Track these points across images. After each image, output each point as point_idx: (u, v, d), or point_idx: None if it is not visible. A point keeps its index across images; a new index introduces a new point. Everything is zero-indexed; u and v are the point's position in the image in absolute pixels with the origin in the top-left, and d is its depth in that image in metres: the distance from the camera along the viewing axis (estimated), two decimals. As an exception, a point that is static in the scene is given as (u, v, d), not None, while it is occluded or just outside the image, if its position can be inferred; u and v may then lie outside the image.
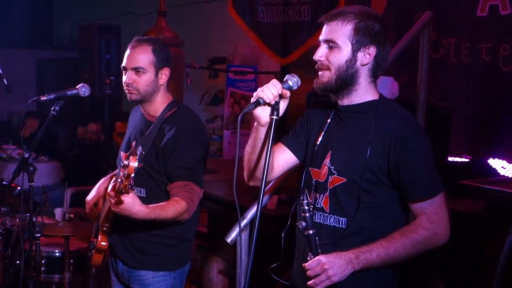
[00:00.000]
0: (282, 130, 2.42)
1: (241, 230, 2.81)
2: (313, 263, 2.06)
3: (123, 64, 2.83)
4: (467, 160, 3.94)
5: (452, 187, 3.17)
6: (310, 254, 2.08)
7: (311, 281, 2.06)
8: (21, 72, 9.42)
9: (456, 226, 2.17)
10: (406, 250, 2.06)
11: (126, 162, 2.23)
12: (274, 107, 2.02)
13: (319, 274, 2.04)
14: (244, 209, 2.90)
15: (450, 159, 3.87)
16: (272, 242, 2.31)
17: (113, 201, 2.44)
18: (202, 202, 2.85)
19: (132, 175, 2.24)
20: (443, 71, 4.37)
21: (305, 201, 2.08)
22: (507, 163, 3.66)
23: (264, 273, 2.31)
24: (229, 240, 2.87)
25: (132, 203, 2.44)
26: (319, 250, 2.08)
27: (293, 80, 2.07)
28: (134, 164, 2.21)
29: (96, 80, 6.06)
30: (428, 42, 3.77)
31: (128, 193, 2.37)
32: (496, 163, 3.73)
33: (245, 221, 2.86)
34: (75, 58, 8.14)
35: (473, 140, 4.17)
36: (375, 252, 2.05)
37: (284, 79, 2.08)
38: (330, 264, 2.03)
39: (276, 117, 2.00)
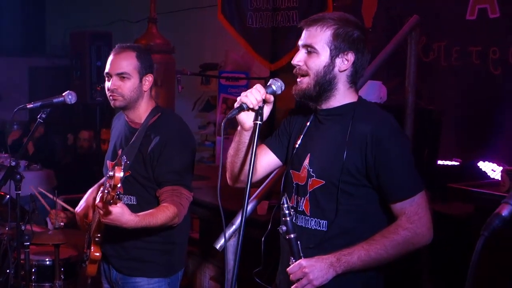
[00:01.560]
0: (269, 135, 2.42)
1: (226, 237, 2.79)
2: (294, 268, 2.05)
3: (107, 70, 2.82)
4: (457, 163, 3.93)
5: (442, 191, 3.16)
6: (292, 258, 2.07)
7: (293, 286, 2.05)
8: (14, 80, 9.40)
9: (445, 229, 2.15)
10: (387, 252, 2.04)
11: (111, 173, 2.21)
12: (258, 112, 2.02)
13: (301, 278, 2.03)
14: (234, 214, 2.89)
15: (440, 162, 3.87)
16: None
17: (101, 212, 2.42)
18: (194, 208, 2.84)
19: (119, 185, 2.22)
20: (433, 75, 4.38)
21: (285, 205, 2.07)
22: (497, 166, 3.65)
23: (254, 279, 2.29)
24: (218, 246, 2.87)
25: (121, 213, 2.42)
26: (302, 254, 2.07)
27: (276, 85, 2.07)
28: (119, 174, 2.19)
29: (87, 87, 6.06)
30: (416, 45, 3.78)
31: (116, 204, 2.35)
32: (486, 166, 3.72)
33: (234, 227, 2.85)
34: (68, 65, 8.12)
35: (463, 143, 4.17)
36: (356, 255, 2.03)
37: (268, 84, 2.08)
38: (310, 268, 2.02)
39: (260, 122, 2.00)
